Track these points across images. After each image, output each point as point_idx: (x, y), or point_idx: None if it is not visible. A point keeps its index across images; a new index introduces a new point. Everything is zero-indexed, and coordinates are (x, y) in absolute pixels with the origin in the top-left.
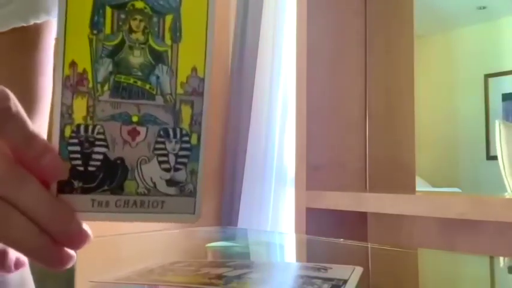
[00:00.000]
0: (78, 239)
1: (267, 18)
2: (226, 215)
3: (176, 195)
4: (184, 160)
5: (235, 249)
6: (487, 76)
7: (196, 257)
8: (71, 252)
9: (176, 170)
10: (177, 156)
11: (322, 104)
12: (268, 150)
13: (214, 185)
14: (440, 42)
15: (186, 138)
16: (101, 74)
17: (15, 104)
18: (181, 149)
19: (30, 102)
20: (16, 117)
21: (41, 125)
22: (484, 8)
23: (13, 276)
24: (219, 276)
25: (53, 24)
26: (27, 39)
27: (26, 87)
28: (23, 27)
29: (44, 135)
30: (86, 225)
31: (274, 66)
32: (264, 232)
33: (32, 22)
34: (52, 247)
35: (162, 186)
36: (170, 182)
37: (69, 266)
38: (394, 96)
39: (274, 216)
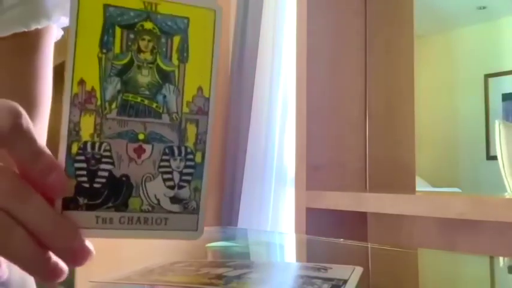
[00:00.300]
0: (81, 255)
1: (267, 18)
2: (226, 215)
3: (179, 212)
4: (188, 178)
5: (235, 249)
6: (487, 76)
7: (196, 257)
8: (64, 267)
9: (180, 187)
10: (181, 173)
11: (322, 104)
12: (268, 150)
13: (214, 185)
14: (440, 42)
15: (191, 156)
16: (109, 93)
17: (26, 120)
18: (186, 166)
19: (30, 106)
20: (26, 134)
21: (40, 128)
22: (484, 8)
23: (14, 277)
24: (219, 276)
25: (54, 29)
26: (28, 44)
27: (27, 92)
28: (24, 32)
29: (43, 140)
30: (88, 242)
31: (274, 66)
32: (264, 232)
33: (33, 27)
34: (48, 261)
35: (166, 204)
36: (174, 199)
37: (61, 280)
38: (394, 96)
39: (274, 216)
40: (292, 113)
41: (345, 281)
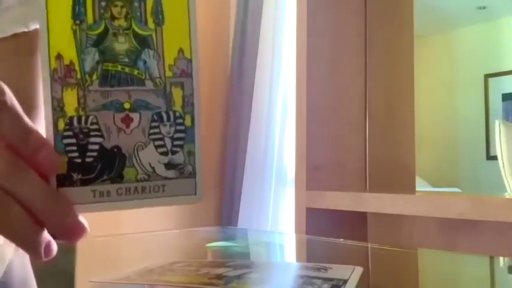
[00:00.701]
0: (76, 231)
1: (267, 18)
2: (226, 215)
3: (176, 177)
4: (180, 142)
5: (235, 249)
6: (487, 76)
7: (196, 257)
8: (54, 245)
9: (173, 153)
10: (172, 139)
11: (322, 104)
12: (268, 150)
13: (214, 185)
14: (440, 42)
15: (180, 121)
16: (88, 64)
17: (11, 98)
18: (176, 131)
19: (30, 107)
20: (11, 112)
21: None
22: (484, 8)
23: (15, 277)
24: (219, 276)
25: None
26: (28, 44)
27: (27, 92)
28: (24, 32)
29: None
30: (83, 219)
31: (274, 66)
32: (264, 232)
33: (33, 27)
34: (44, 239)
35: (161, 170)
36: (169, 165)
37: (51, 258)
38: (394, 96)
39: (274, 216)
40: (292, 113)
41: (345, 281)
